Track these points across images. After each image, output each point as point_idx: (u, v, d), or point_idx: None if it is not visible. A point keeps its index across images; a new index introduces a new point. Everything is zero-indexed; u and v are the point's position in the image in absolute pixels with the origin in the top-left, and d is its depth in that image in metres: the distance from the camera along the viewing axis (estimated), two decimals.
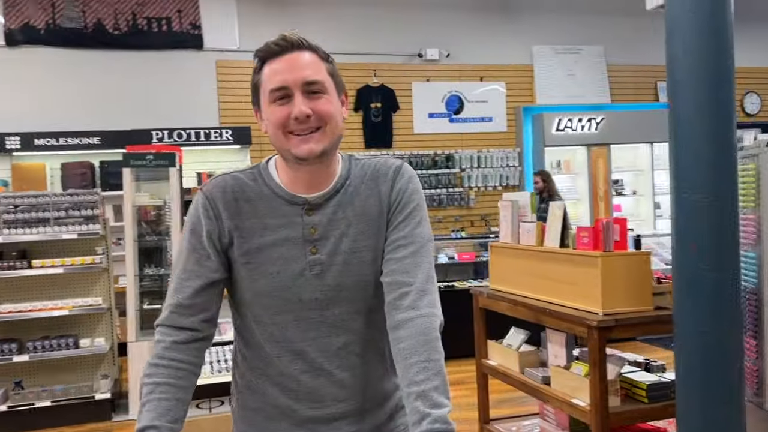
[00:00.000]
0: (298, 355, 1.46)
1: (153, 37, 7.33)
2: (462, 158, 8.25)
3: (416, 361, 1.32)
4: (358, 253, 1.45)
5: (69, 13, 7.10)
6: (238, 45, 7.59)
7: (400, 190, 1.48)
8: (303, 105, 1.35)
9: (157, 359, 1.40)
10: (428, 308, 1.39)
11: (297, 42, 1.39)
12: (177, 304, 1.44)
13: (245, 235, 1.44)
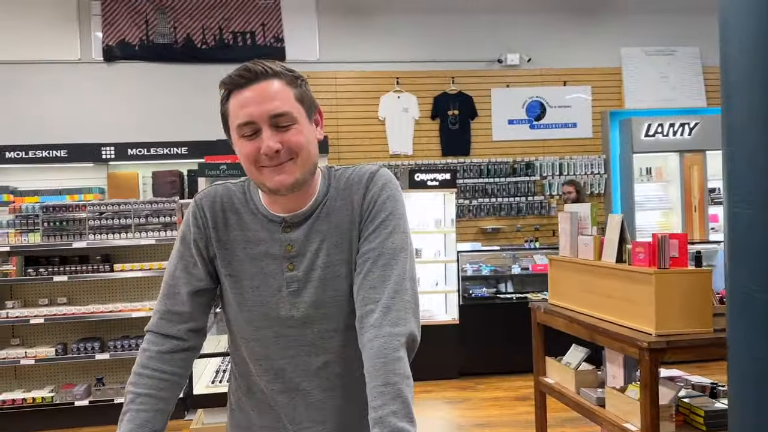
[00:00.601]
0: (277, 374, 1.45)
1: (238, 50, 7.63)
2: (543, 165, 8.01)
3: (373, 386, 1.28)
4: (332, 267, 1.42)
5: (161, 30, 7.52)
6: (318, 56, 7.75)
7: (372, 198, 1.42)
8: (271, 140, 1.31)
9: (141, 368, 1.44)
10: (390, 327, 1.32)
11: (261, 71, 1.33)
12: (165, 310, 1.47)
13: (228, 246, 1.45)
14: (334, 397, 1.46)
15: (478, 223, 7.86)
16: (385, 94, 7.80)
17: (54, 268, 4.98)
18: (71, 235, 5.04)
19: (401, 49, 7.83)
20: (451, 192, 6.11)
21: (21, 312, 4.90)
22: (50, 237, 5.01)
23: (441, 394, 5.49)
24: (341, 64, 7.76)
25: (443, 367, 5.88)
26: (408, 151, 7.85)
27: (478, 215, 7.86)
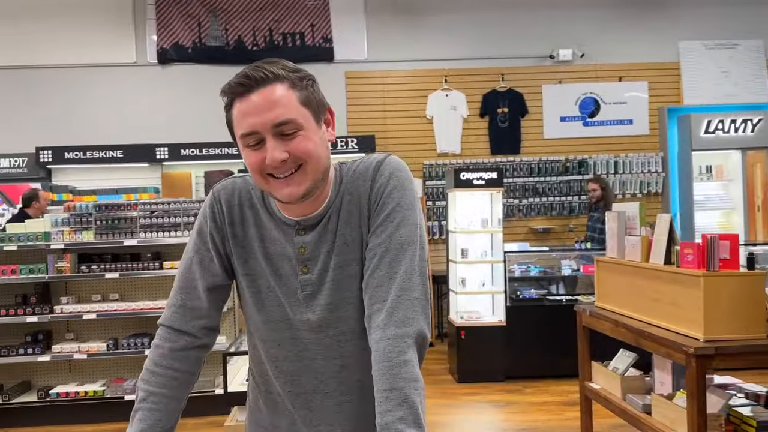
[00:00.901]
0: (293, 376, 1.42)
1: (287, 51, 7.71)
2: (597, 164, 7.79)
3: (379, 390, 1.23)
4: (344, 268, 1.36)
5: (213, 32, 7.67)
6: (366, 56, 7.75)
7: (378, 189, 1.34)
8: (276, 150, 1.24)
9: (153, 366, 1.42)
10: (396, 328, 1.26)
11: (261, 77, 1.24)
12: (181, 304, 1.44)
13: (245, 244, 1.41)
14: (351, 401, 1.41)
15: (529, 223, 7.71)
16: (433, 92, 7.74)
17: (106, 265, 5.13)
18: (123, 233, 5.17)
19: (450, 46, 7.76)
20: (498, 191, 6.00)
21: (74, 308, 5.06)
22: (103, 235, 5.15)
23: (487, 397, 5.40)
24: (389, 63, 7.74)
25: (489, 370, 5.78)
26: (456, 150, 7.77)
27: (528, 215, 7.71)
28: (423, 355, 1.31)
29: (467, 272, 6.11)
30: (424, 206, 7.62)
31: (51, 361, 5.07)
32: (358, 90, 7.72)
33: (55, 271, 5.04)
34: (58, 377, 5.27)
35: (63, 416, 5.02)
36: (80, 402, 5.03)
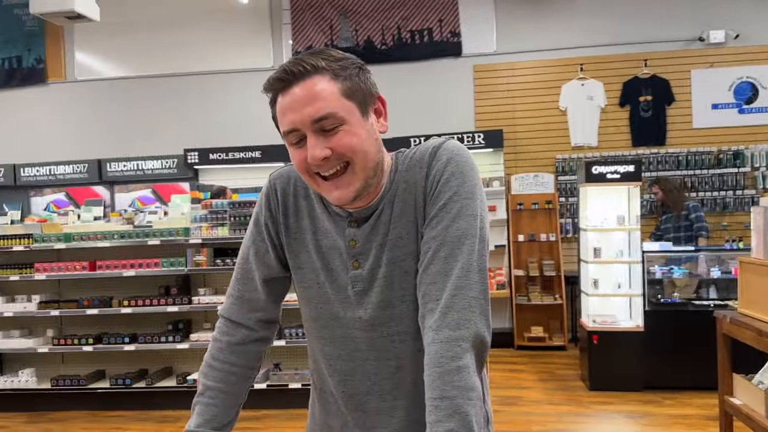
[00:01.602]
0: (346, 376, 1.35)
1: (415, 48, 7.69)
2: (755, 155, 7.02)
3: (429, 398, 1.13)
4: (398, 263, 1.26)
5: (344, 34, 7.83)
6: (495, 48, 7.54)
7: (434, 177, 1.23)
8: (316, 147, 1.17)
9: (212, 360, 1.43)
10: (449, 330, 1.15)
11: (300, 71, 1.17)
12: (238, 296, 1.43)
13: (297, 236, 1.36)
14: (405, 406, 1.32)
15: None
16: (568, 82, 7.37)
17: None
18: None
19: (585, 33, 7.34)
20: (635, 185, 5.56)
21: (211, 299, 5.37)
22: (236, 230, 5.41)
23: (621, 407, 5.03)
24: (519, 54, 7.47)
25: (625, 378, 5.38)
26: (592, 143, 7.34)
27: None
28: (483, 361, 1.20)
29: (600, 273, 5.74)
30: (556, 203, 7.27)
31: (189, 348, 5.41)
32: (487, 84, 7.52)
33: (193, 264, 5.37)
34: (195, 364, 5.62)
35: None
36: None
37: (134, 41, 8.10)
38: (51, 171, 8.09)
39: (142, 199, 8.10)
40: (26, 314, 5.50)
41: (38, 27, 8.22)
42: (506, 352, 6.99)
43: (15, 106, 8.33)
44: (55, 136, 8.26)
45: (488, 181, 7.20)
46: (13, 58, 8.31)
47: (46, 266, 5.45)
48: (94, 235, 5.43)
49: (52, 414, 5.43)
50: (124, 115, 8.09)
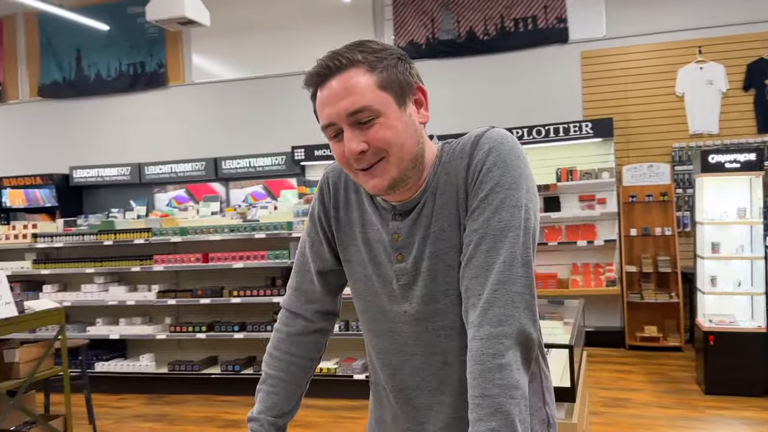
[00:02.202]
0: (395, 370, 1.34)
1: (519, 37, 7.50)
2: None
3: (471, 396, 1.11)
4: (441, 256, 1.24)
5: (446, 26, 7.77)
6: (604, 33, 7.20)
7: (475, 167, 1.19)
8: (352, 141, 1.17)
9: (272, 349, 1.47)
10: (491, 327, 1.11)
11: (335, 65, 1.17)
12: (296, 287, 1.47)
13: (347, 229, 1.37)
14: (452, 403, 1.29)
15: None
16: (684, 66, 6.91)
17: None
18: None
19: (703, 13, 6.85)
20: (757, 175, 5.12)
21: None
22: None
23: (739, 413, 4.67)
24: (631, 39, 7.09)
25: (744, 382, 4.99)
26: (713, 130, 6.84)
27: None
28: (530, 358, 1.15)
29: (718, 269, 5.34)
30: (672, 194, 6.85)
31: None
32: (595, 70, 7.20)
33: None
34: None
35: None
36: (316, 378, 5.48)
37: (244, 44, 8.46)
38: (172, 169, 8.63)
39: (255, 195, 8.46)
40: (146, 303, 5.92)
41: (159, 34, 8.78)
42: (616, 352, 6.68)
43: (139, 108, 8.97)
44: (175, 136, 8.81)
45: (597, 172, 6.90)
46: (137, 64, 8.94)
47: (164, 258, 5.83)
48: (207, 229, 5.74)
49: (168, 397, 5.82)
50: (237, 114, 8.48)
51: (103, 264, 5.99)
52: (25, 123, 9.45)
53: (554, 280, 7.09)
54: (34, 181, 8.83)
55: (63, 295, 6.11)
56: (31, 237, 6.18)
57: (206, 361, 5.91)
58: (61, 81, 9.28)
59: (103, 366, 5.99)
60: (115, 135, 9.08)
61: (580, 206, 7.13)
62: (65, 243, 6.06)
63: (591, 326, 7.00)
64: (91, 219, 6.97)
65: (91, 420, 4.87)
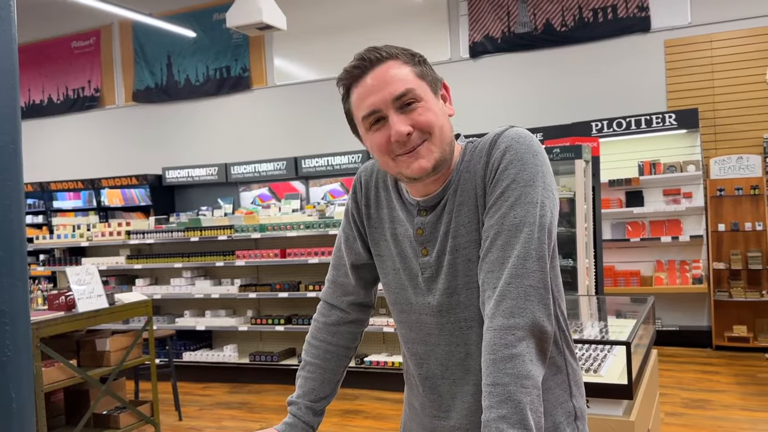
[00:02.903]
0: (421, 359, 1.41)
1: (598, 27, 7.29)
2: None
3: (484, 384, 1.15)
4: (461, 250, 1.29)
5: (522, 19, 7.66)
6: (689, 20, 6.89)
7: (492, 165, 1.25)
8: (399, 124, 1.23)
9: (311, 338, 1.56)
10: (503, 318, 1.15)
11: (375, 57, 1.26)
12: (332, 280, 1.56)
13: (377, 225, 1.45)
14: (475, 393, 1.33)
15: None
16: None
17: None
18: None
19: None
20: None
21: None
22: None
23: None
24: (719, 25, 6.76)
25: None
26: None
27: None
28: (545, 350, 1.19)
29: None
30: (764, 187, 6.47)
31: (366, 332, 5.72)
32: (680, 59, 6.90)
33: None
34: (372, 346, 5.93)
35: (373, 382, 5.63)
36: (388, 371, 5.59)
37: (322, 46, 8.67)
38: (255, 168, 8.97)
39: (333, 192, 8.67)
40: (229, 296, 6.21)
41: (243, 39, 9.14)
42: (701, 352, 6.40)
43: (225, 111, 9.37)
44: (258, 137, 9.15)
45: (682, 165, 6.63)
46: (223, 68, 9.34)
47: (245, 253, 6.09)
48: (284, 226, 5.95)
49: (250, 386, 6.08)
50: (316, 114, 8.71)
51: (190, 259, 6.33)
52: (121, 127, 10.08)
53: (637, 277, 6.87)
54: (130, 182, 9.42)
55: (154, 289, 6.50)
56: (125, 234, 6.61)
57: (285, 353, 6.13)
58: (153, 86, 9.83)
59: (190, 355, 6.34)
60: (203, 137, 9.54)
61: (664, 201, 6.87)
62: (156, 240, 6.44)
63: (675, 325, 6.74)
64: (182, 217, 7.37)
65: (177, 407, 5.17)
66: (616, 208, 6.91)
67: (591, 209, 5.15)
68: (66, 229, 7.02)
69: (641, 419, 2.48)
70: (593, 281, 5.20)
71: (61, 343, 4.26)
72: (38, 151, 10.64)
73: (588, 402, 2.28)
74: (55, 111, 10.53)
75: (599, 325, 3.06)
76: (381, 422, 4.86)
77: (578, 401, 1.38)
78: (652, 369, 3.13)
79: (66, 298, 3.98)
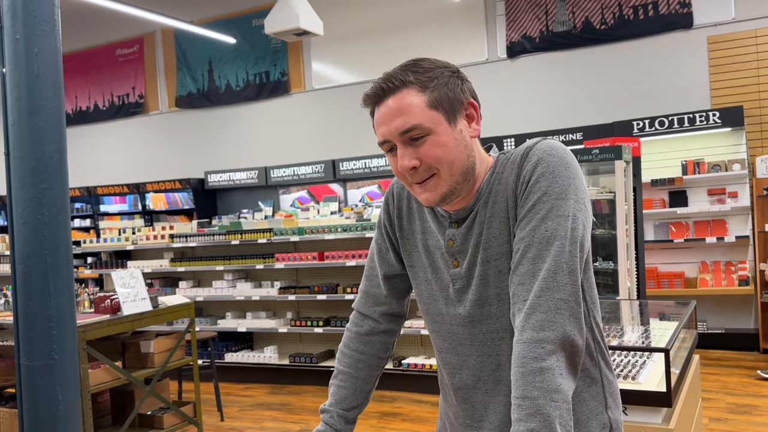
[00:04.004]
0: (454, 369, 1.42)
1: (638, 25, 7.17)
2: None
3: (513, 397, 1.16)
4: (492, 262, 1.30)
5: (560, 18, 7.58)
6: (733, 15, 6.72)
7: (524, 177, 1.25)
8: (405, 157, 1.25)
9: (343, 347, 1.59)
10: (533, 331, 1.16)
11: (389, 86, 1.26)
12: (364, 291, 1.59)
13: (410, 237, 1.46)
14: (507, 404, 1.33)
15: None
16: None
17: None
18: None
19: None
20: None
21: None
22: None
23: None
24: (764, 20, 6.57)
25: None
26: None
27: None
28: (576, 364, 1.19)
29: None
30: None
31: (403, 334, 5.74)
32: (724, 56, 6.74)
33: None
34: (410, 348, 5.94)
35: (411, 384, 5.64)
36: (426, 373, 5.59)
37: (358, 49, 8.73)
38: (294, 171, 9.07)
39: (370, 194, 8.71)
40: (269, 298, 6.29)
41: (282, 44, 9.26)
42: (749, 356, 6.22)
43: (264, 115, 9.51)
44: (296, 140, 9.26)
45: (727, 164, 6.47)
46: (263, 74, 9.48)
47: (284, 256, 6.17)
48: (322, 229, 6.01)
49: (290, 387, 6.16)
50: (353, 117, 8.76)
51: (231, 262, 6.44)
52: (165, 132, 10.31)
53: (681, 279, 6.73)
54: (173, 186, 9.62)
55: (196, 291, 6.64)
56: (168, 238, 6.77)
57: (324, 354, 6.19)
58: (195, 92, 10.03)
59: (231, 357, 6.45)
60: (243, 141, 9.69)
61: (709, 200, 6.71)
62: (198, 243, 6.57)
63: (721, 328, 6.57)
64: (224, 219, 7.51)
65: (219, 407, 5.27)
66: (659, 209, 6.78)
67: (632, 210, 5.07)
68: (112, 233, 7.22)
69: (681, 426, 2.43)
70: (635, 283, 5.12)
71: (107, 345, 4.39)
72: (85, 156, 10.96)
73: (626, 409, 2.26)
74: (101, 117, 10.84)
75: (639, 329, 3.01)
76: (419, 425, 4.87)
77: (614, 413, 1.37)
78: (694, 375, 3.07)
79: (111, 301, 4.10)
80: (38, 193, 2.39)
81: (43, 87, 2.43)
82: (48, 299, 2.37)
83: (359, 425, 4.89)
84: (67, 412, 2.38)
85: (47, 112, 2.43)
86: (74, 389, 2.43)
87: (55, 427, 2.36)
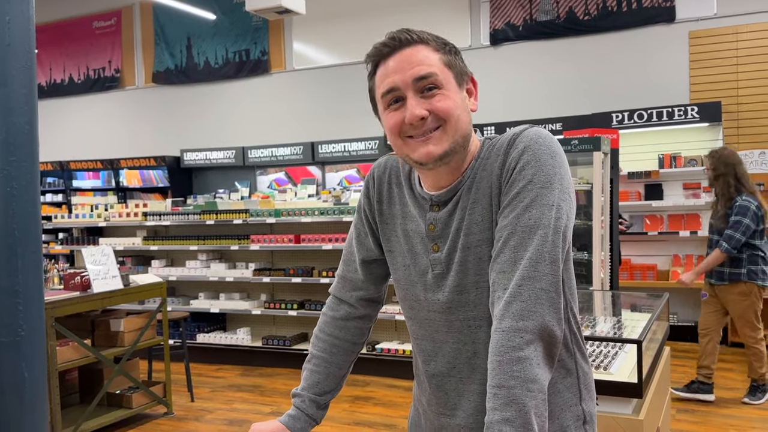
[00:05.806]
0: (428, 356, 1.40)
1: (622, 17, 7.18)
2: None
3: (489, 385, 1.14)
4: (473, 248, 1.28)
5: (544, 7, 7.57)
6: (715, 11, 6.77)
7: (509, 165, 1.23)
8: (416, 107, 1.22)
9: (318, 331, 1.57)
10: (512, 320, 1.14)
11: (406, 39, 1.25)
12: (341, 275, 1.56)
13: (389, 221, 1.44)
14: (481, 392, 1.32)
15: None
16: None
17: None
18: None
19: None
20: None
21: None
22: None
23: None
24: (744, 17, 6.63)
25: None
26: None
27: None
28: (553, 355, 1.17)
29: None
30: None
31: (379, 319, 5.73)
32: (704, 51, 6.79)
33: None
34: (384, 333, 5.94)
35: (385, 369, 5.65)
36: (400, 359, 5.60)
37: (341, 30, 8.64)
38: (272, 153, 8.98)
39: (349, 178, 8.66)
40: (243, 280, 6.24)
41: (263, 22, 9.12)
42: None
43: (243, 94, 9.38)
44: (275, 121, 9.16)
45: (703, 159, 6.53)
46: (242, 52, 9.34)
47: (260, 238, 6.12)
48: (298, 211, 5.96)
49: (262, 369, 6.13)
50: (334, 99, 8.69)
51: (205, 242, 6.36)
52: (141, 108, 10.13)
53: (653, 271, 6.81)
54: (148, 163, 9.47)
55: (169, 270, 6.56)
56: (141, 215, 6.66)
57: (297, 337, 6.17)
58: (173, 68, 9.86)
59: (203, 337, 6.39)
60: (221, 119, 9.56)
61: (684, 194, 6.79)
62: (172, 222, 6.48)
63: (691, 321, 6.68)
64: (200, 199, 7.41)
65: (189, 388, 5.22)
66: (635, 201, 6.84)
67: (608, 201, 5.10)
68: (84, 209, 7.09)
69: (651, 417, 2.46)
70: (608, 274, 5.17)
71: (75, 323, 4.31)
72: (58, 130, 10.73)
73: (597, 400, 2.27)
74: (75, 91, 10.61)
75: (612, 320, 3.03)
76: (391, 409, 4.88)
77: (588, 405, 1.36)
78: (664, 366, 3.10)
79: (81, 278, 4.03)
80: (7, 165, 2.31)
81: (14, 56, 2.34)
82: (15, 274, 2.30)
83: (331, 409, 4.89)
84: (33, 390, 2.33)
85: (18, 82, 2.34)
86: (41, 366, 2.37)
87: (21, 404, 2.30)
